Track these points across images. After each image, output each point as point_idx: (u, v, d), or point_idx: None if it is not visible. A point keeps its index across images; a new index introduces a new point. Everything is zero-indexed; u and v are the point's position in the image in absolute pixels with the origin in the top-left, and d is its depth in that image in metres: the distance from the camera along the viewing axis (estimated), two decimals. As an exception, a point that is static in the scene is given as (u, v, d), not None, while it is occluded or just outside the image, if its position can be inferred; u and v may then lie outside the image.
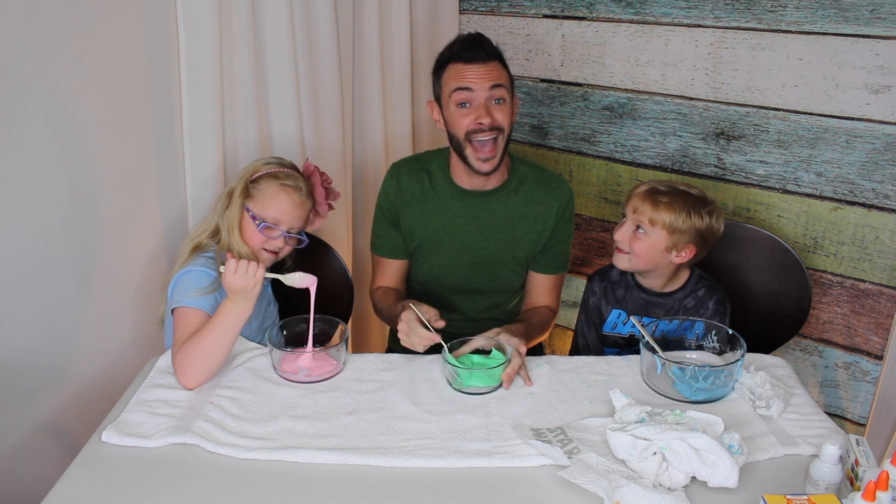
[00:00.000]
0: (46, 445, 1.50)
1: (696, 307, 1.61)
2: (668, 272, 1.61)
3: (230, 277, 1.34)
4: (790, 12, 1.79)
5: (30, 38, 1.32)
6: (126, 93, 1.55)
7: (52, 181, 1.42)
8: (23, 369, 1.42)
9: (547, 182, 1.70)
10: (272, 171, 1.56)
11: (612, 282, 1.68)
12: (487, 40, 1.59)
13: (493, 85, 1.54)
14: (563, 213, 1.69)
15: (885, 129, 1.74)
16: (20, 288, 1.40)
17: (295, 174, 1.58)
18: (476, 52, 1.55)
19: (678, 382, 1.35)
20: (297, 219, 1.55)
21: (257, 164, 1.58)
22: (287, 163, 1.61)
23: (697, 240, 1.55)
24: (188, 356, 1.34)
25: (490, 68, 1.55)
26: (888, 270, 1.83)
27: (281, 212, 1.52)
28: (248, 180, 1.54)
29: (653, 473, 1.10)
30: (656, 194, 1.56)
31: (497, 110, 1.56)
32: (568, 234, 1.73)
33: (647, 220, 1.54)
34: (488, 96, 1.55)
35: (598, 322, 1.70)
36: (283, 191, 1.53)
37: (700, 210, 1.55)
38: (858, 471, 1.06)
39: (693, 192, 1.58)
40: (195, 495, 1.11)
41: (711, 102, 1.97)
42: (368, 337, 2.33)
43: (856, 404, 1.96)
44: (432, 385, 1.39)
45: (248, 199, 1.53)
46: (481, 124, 1.54)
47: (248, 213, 1.52)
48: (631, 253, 1.57)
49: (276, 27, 1.77)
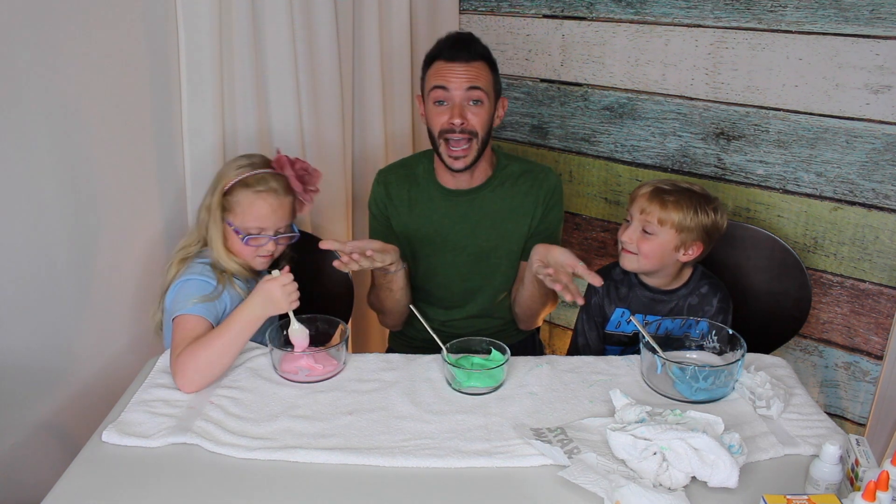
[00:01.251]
0: (46, 445, 1.50)
1: (699, 304, 1.61)
2: (673, 270, 1.61)
3: (275, 287, 1.34)
4: (790, 12, 1.79)
5: (30, 38, 1.32)
6: (126, 92, 1.55)
7: (51, 181, 1.42)
8: (23, 369, 1.42)
9: (533, 173, 1.71)
10: (242, 177, 1.49)
11: (615, 280, 1.68)
12: (475, 41, 1.59)
13: (471, 86, 1.55)
14: (549, 198, 1.70)
15: (885, 129, 1.74)
16: (20, 288, 1.40)
17: (266, 176, 1.50)
18: (459, 52, 1.56)
19: (678, 382, 1.35)
20: (281, 219, 1.51)
21: (227, 171, 1.52)
22: (258, 160, 1.54)
23: (704, 237, 1.56)
24: (192, 360, 1.31)
25: (471, 69, 1.55)
26: (888, 270, 1.83)
27: (262, 218, 1.48)
28: (221, 193, 1.49)
29: (653, 473, 1.10)
30: (663, 194, 1.56)
31: (472, 112, 1.57)
32: (557, 218, 1.74)
33: (655, 221, 1.54)
34: (465, 97, 1.56)
35: (601, 321, 1.70)
36: (259, 198, 1.47)
37: (706, 207, 1.56)
38: (858, 471, 1.06)
39: (696, 190, 1.59)
40: (195, 495, 1.11)
41: (711, 102, 1.97)
42: (368, 337, 2.33)
43: (856, 404, 1.96)
44: (432, 385, 1.39)
45: (226, 212, 1.49)
46: (453, 125, 1.56)
47: (230, 228, 1.48)
48: (639, 254, 1.57)
49: (276, 26, 1.77)
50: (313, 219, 2.00)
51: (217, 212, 1.48)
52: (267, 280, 1.36)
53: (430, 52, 1.62)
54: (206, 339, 1.34)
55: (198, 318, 1.39)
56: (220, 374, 1.35)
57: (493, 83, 1.60)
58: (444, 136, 1.58)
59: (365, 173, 2.20)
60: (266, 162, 1.54)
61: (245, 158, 1.54)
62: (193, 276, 1.45)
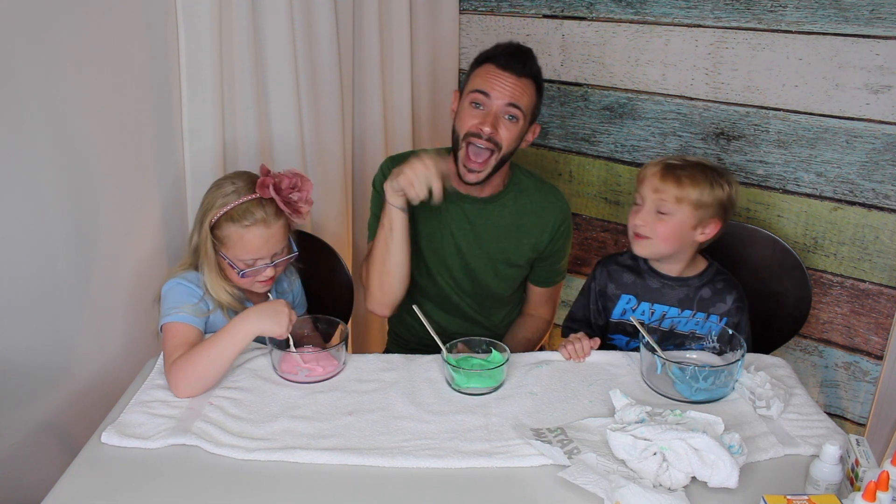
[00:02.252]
0: (46, 446, 1.50)
1: (712, 298, 1.56)
2: (689, 255, 1.55)
3: (281, 306, 1.34)
4: (790, 12, 1.79)
5: (30, 38, 1.31)
6: (126, 93, 1.54)
7: (51, 182, 1.42)
8: (23, 370, 1.42)
9: (544, 194, 1.67)
10: (228, 211, 1.41)
11: (622, 266, 1.62)
12: (532, 58, 1.55)
13: (511, 103, 1.51)
14: (559, 228, 1.67)
15: (885, 129, 1.74)
16: (20, 288, 1.39)
17: (251, 206, 1.41)
18: (513, 63, 1.51)
19: (678, 382, 1.35)
20: (276, 245, 1.45)
21: (214, 200, 1.43)
22: (242, 185, 1.44)
23: (721, 212, 1.50)
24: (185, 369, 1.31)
25: (518, 84, 1.51)
26: (888, 270, 1.83)
27: (254, 251, 1.42)
28: (210, 227, 1.43)
29: (653, 473, 1.10)
30: (676, 170, 1.49)
31: (505, 126, 1.52)
32: (565, 251, 1.72)
33: (672, 199, 1.47)
34: (502, 110, 1.51)
35: (604, 308, 1.65)
36: (248, 232, 1.41)
37: (720, 180, 1.50)
38: (858, 471, 1.06)
39: (707, 163, 1.53)
40: (195, 496, 1.11)
41: (711, 102, 1.97)
42: (368, 337, 2.33)
43: (856, 404, 1.96)
44: (432, 385, 1.39)
45: (219, 245, 1.43)
46: (482, 130, 1.51)
47: (225, 261, 1.44)
48: (654, 237, 1.51)
49: (276, 27, 1.77)
50: (313, 219, 2.00)
51: (208, 246, 1.43)
52: (280, 301, 1.37)
53: (484, 53, 1.57)
54: (199, 349, 1.33)
55: (186, 326, 1.38)
56: (213, 383, 1.35)
57: (534, 106, 1.56)
58: (469, 139, 1.53)
59: (365, 174, 2.20)
60: (252, 182, 1.45)
61: (230, 184, 1.45)
62: (182, 282, 1.44)
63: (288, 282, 1.63)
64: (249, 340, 1.34)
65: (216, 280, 1.44)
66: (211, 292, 1.44)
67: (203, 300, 1.43)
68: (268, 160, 1.85)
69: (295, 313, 1.37)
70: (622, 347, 1.64)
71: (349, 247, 2.16)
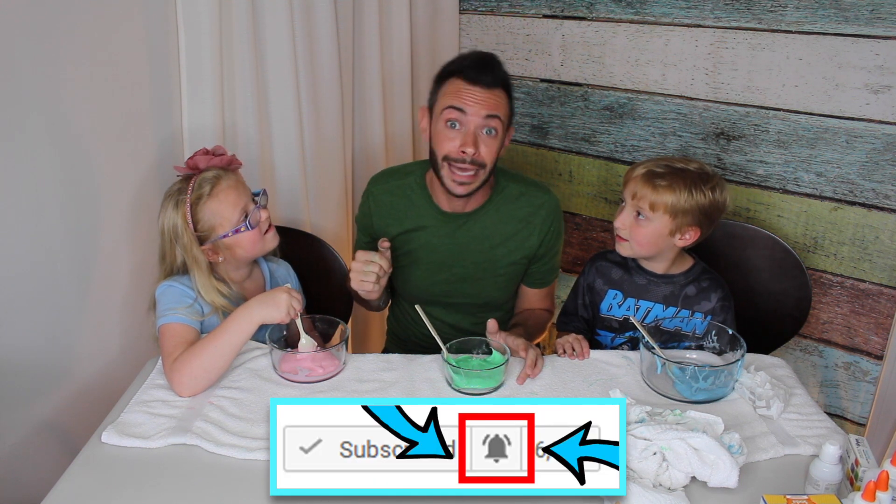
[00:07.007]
0: (46, 445, 1.50)
1: (697, 296, 1.57)
2: (671, 256, 1.57)
3: (282, 292, 1.34)
4: (790, 12, 1.79)
5: (30, 38, 1.32)
6: (126, 92, 1.54)
7: (51, 182, 1.42)
8: (23, 369, 1.42)
9: (530, 198, 1.63)
10: (192, 197, 1.42)
11: (611, 262, 1.64)
12: (499, 64, 1.51)
13: (489, 115, 1.46)
14: (549, 229, 1.64)
15: (885, 129, 1.74)
16: (20, 288, 1.40)
17: (201, 181, 1.43)
18: (482, 75, 1.45)
19: (678, 382, 1.35)
20: (245, 190, 1.47)
21: (176, 208, 1.42)
22: (181, 182, 1.45)
23: (702, 219, 1.50)
24: (187, 365, 1.31)
25: (491, 95, 1.46)
26: (888, 270, 1.83)
27: (235, 200, 1.44)
28: (192, 227, 1.42)
29: (653, 473, 1.10)
30: (655, 177, 1.49)
31: (485, 143, 1.47)
32: (556, 249, 1.69)
33: (647, 206, 1.49)
34: (480, 124, 1.46)
35: (591, 303, 1.66)
36: (219, 192, 1.42)
37: (701, 187, 1.49)
38: (858, 471, 1.06)
39: (692, 169, 1.52)
40: (195, 496, 1.11)
41: (711, 102, 1.97)
42: (368, 337, 2.33)
43: (856, 404, 1.96)
44: (432, 385, 1.39)
45: (209, 235, 1.43)
46: (464, 153, 1.46)
47: (225, 240, 1.45)
48: (631, 241, 1.52)
49: (276, 27, 1.77)
50: (313, 219, 2.00)
51: (195, 252, 1.43)
52: (280, 287, 1.37)
53: (447, 67, 1.51)
54: (201, 344, 1.33)
55: (183, 326, 1.38)
56: (216, 377, 1.35)
57: (509, 113, 1.52)
58: (449, 161, 1.49)
59: (365, 173, 2.20)
60: (188, 177, 1.45)
61: (174, 189, 1.45)
62: (175, 284, 1.44)
63: (283, 280, 1.63)
64: (252, 330, 1.34)
65: (208, 283, 1.44)
66: (204, 296, 1.44)
67: (197, 302, 1.43)
68: (267, 160, 1.85)
69: (299, 300, 1.37)
70: (607, 344, 1.66)
71: (349, 247, 2.16)
